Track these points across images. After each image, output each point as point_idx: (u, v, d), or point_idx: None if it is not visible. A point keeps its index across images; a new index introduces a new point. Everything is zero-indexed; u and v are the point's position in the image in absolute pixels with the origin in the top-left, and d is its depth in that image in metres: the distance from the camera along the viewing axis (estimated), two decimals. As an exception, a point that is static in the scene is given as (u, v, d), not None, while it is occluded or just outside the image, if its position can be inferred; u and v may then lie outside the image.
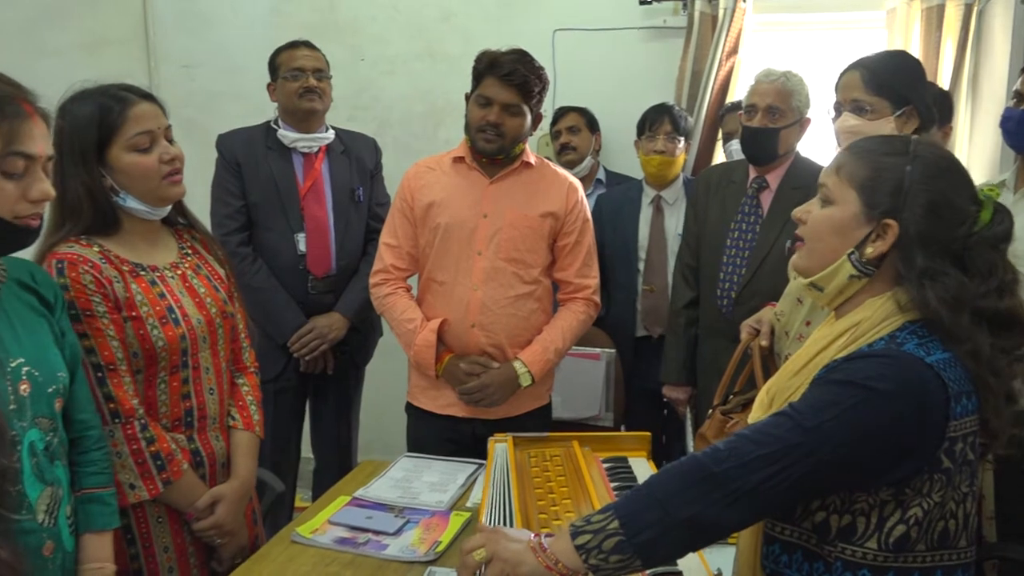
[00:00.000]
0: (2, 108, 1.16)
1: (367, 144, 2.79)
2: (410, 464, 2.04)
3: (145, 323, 1.55)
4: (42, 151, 1.22)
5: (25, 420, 1.26)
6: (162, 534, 1.61)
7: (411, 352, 2.17)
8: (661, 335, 2.76)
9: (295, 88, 2.55)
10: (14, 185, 1.19)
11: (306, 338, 2.54)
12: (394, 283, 2.21)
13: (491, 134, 2.08)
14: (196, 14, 3.72)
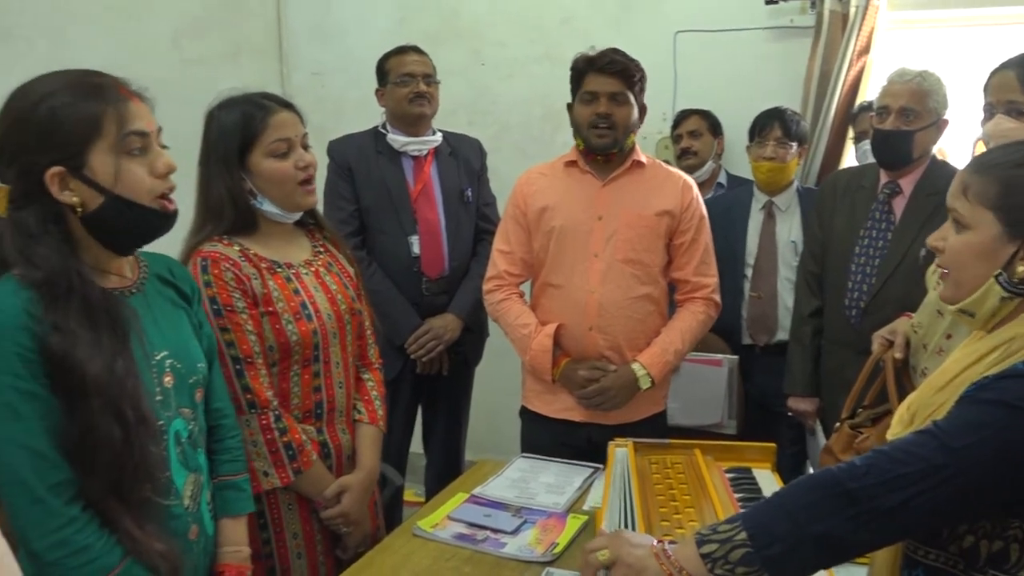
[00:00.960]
0: (105, 96, 1.22)
1: (473, 146, 2.83)
2: (526, 465, 2.06)
3: (280, 318, 1.63)
4: (152, 127, 1.27)
5: (170, 410, 1.32)
6: (292, 521, 1.69)
7: (527, 357, 2.18)
8: (767, 344, 2.69)
9: (405, 93, 2.59)
10: (140, 164, 1.24)
11: (423, 339, 2.59)
12: (508, 289, 2.23)
13: (603, 127, 2.09)
14: (326, 24, 3.87)
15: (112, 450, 1.18)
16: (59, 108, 1.18)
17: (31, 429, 1.15)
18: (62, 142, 1.19)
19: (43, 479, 1.16)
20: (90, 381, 1.16)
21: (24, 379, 1.15)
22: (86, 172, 1.20)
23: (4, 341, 1.14)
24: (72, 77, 1.24)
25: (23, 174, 1.20)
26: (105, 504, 1.20)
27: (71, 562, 1.17)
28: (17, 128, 1.20)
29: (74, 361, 1.15)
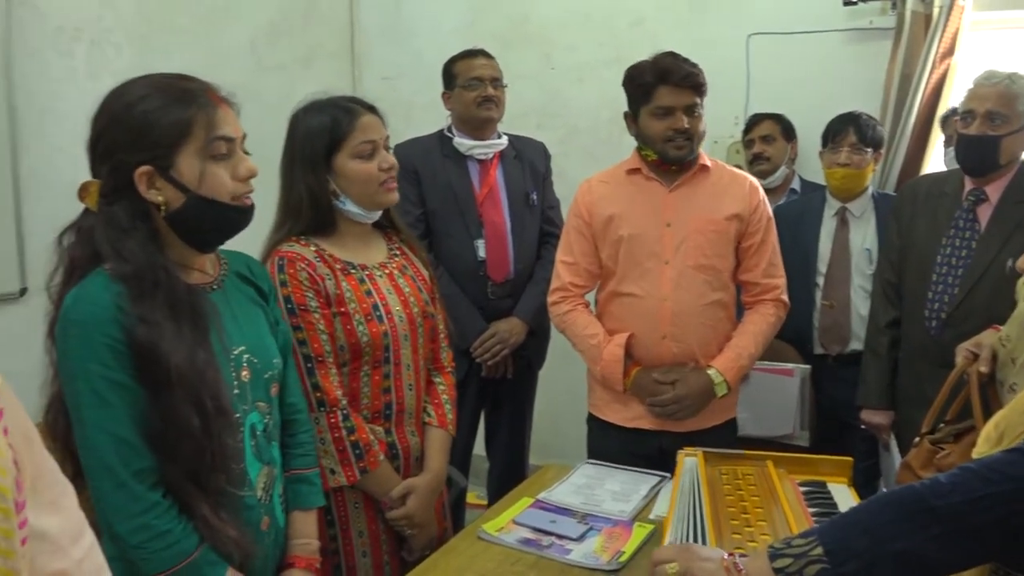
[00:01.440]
0: (196, 101, 1.27)
1: (537, 148, 2.82)
2: (592, 471, 2.04)
3: (352, 319, 1.65)
4: (237, 133, 1.32)
5: (247, 404, 1.37)
6: (358, 519, 1.71)
7: (598, 367, 2.15)
8: (840, 354, 2.61)
9: (473, 97, 2.60)
10: (223, 167, 1.29)
11: (489, 343, 2.60)
12: (573, 300, 2.21)
13: (681, 140, 2.06)
14: (398, 27, 3.92)
15: (192, 438, 1.22)
16: (152, 111, 1.23)
17: (118, 417, 1.20)
18: (152, 143, 1.23)
19: (128, 465, 1.21)
20: (173, 371, 1.20)
21: (113, 369, 1.20)
22: (172, 173, 1.25)
23: (95, 333, 1.20)
24: (165, 81, 1.29)
25: (114, 171, 1.25)
26: (184, 491, 1.24)
27: (152, 546, 1.22)
28: (112, 127, 1.25)
29: (159, 352, 1.20)
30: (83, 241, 1.27)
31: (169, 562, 1.23)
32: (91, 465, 1.22)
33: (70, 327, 1.21)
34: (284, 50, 3.53)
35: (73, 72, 2.67)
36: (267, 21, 3.46)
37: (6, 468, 0.89)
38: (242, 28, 3.34)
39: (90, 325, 1.20)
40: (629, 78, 2.14)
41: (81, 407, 1.21)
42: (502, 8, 3.75)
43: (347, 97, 1.73)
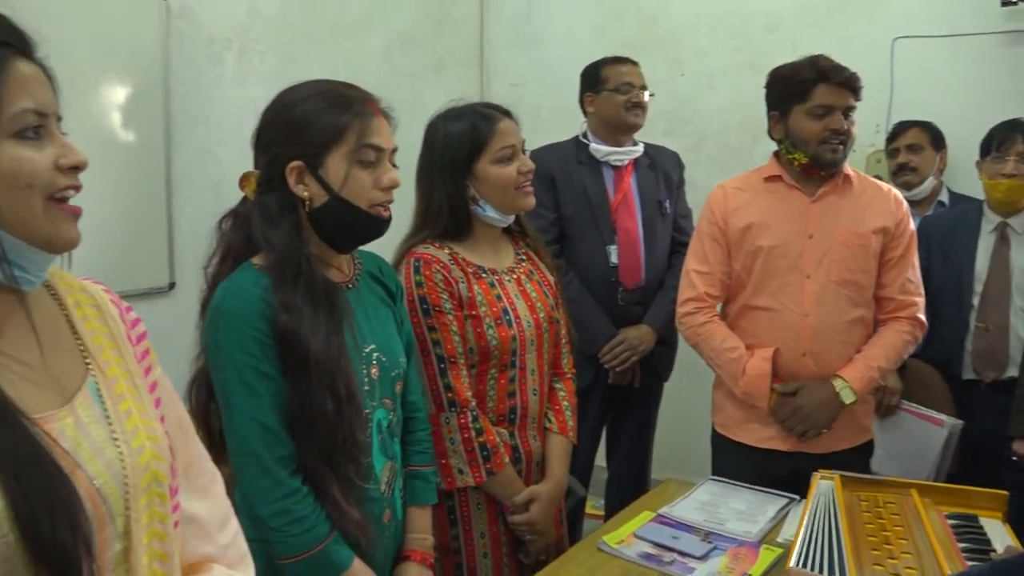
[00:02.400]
0: (354, 108, 1.33)
1: (671, 157, 2.79)
2: (716, 488, 1.98)
3: (483, 322, 1.67)
4: (388, 144, 1.37)
5: (375, 400, 1.41)
6: (480, 520, 1.72)
7: (740, 383, 2.06)
8: (995, 380, 2.42)
9: (623, 101, 2.59)
10: (368, 174, 1.34)
11: (617, 349, 2.57)
12: (708, 311, 2.13)
13: (836, 142, 1.97)
14: (527, 35, 3.95)
15: (325, 421, 1.27)
16: (311, 112, 1.31)
17: (263, 406, 1.27)
18: (307, 141, 1.31)
19: (271, 452, 1.28)
20: (311, 356, 1.26)
21: (259, 360, 1.27)
22: (320, 171, 1.32)
23: (243, 325, 1.27)
24: (330, 87, 1.36)
25: (270, 163, 1.33)
26: (317, 474, 1.30)
27: (291, 530, 1.28)
28: (274, 122, 1.34)
29: (299, 336, 1.26)
30: (239, 226, 1.37)
31: (304, 546, 1.29)
32: (237, 450, 1.29)
33: (220, 319, 1.29)
34: (416, 57, 3.62)
35: (222, 79, 2.82)
36: (401, 29, 3.55)
37: (163, 455, 0.93)
38: (377, 36, 3.44)
39: (238, 318, 1.27)
40: (782, 76, 2.06)
41: (230, 395, 1.28)
42: (631, 13, 3.71)
43: (484, 103, 1.76)
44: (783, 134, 2.08)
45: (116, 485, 0.84)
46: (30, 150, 0.79)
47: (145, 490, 0.88)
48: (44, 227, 0.81)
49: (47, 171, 0.80)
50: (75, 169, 0.82)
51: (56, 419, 0.82)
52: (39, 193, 0.80)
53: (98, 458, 0.83)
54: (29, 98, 0.79)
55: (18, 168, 0.78)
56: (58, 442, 0.80)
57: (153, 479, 0.90)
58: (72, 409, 0.85)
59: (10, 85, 0.77)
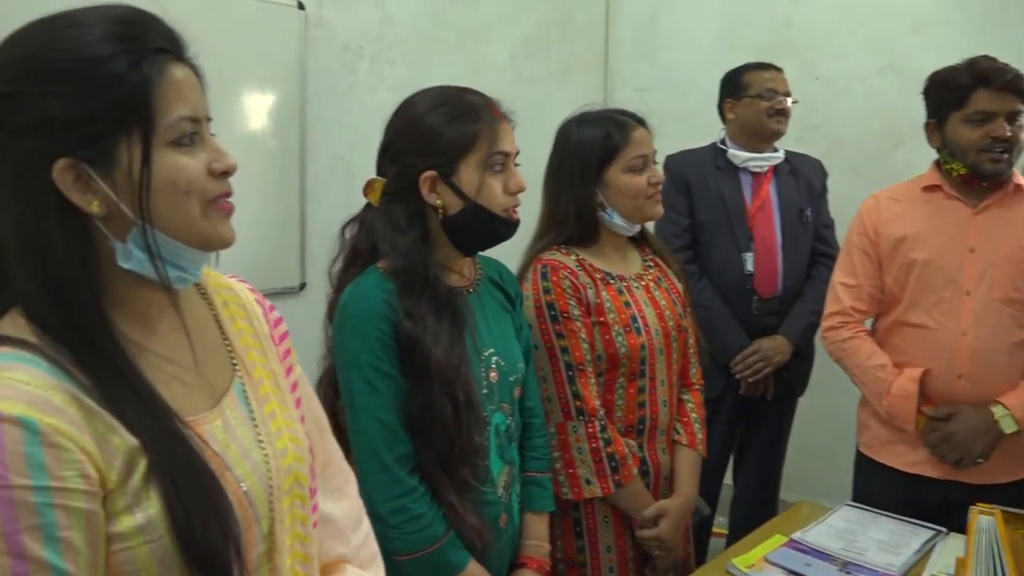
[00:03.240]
0: (482, 115, 1.35)
1: (814, 165, 2.70)
2: (853, 515, 1.86)
3: (611, 329, 1.64)
4: (512, 148, 1.39)
5: (493, 404, 1.42)
6: (607, 533, 1.68)
7: (884, 402, 1.95)
8: None
9: (766, 107, 2.52)
10: (498, 180, 1.36)
11: (751, 359, 2.48)
12: (854, 326, 2.02)
13: (999, 151, 1.83)
14: (653, 40, 3.88)
15: (444, 427, 1.29)
16: (441, 122, 1.33)
17: (385, 405, 1.30)
18: (440, 151, 1.32)
19: (391, 450, 1.30)
20: (433, 364, 1.28)
21: (382, 360, 1.30)
22: (454, 180, 1.33)
23: (367, 326, 1.30)
24: (453, 94, 1.38)
25: (401, 173, 1.35)
26: (434, 478, 1.32)
27: (409, 527, 1.30)
28: (404, 133, 1.36)
29: (422, 344, 1.28)
30: (364, 233, 1.39)
31: (420, 544, 1.30)
32: (359, 447, 1.32)
33: (346, 320, 1.32)
34: (540, 63, 3.61)
35: (355, 86, 2.89)
36: (526, 35, 3.55)
37: (304, 457, 0.94)
38: (503, 42, 3.45)
39: (363, 319, 1.30)
40: (938, 82, 1.94)
41: (354, 394, 1.31)
42: (762, 16, 3.59)
43: (619, 110, 1.74)
44: (940, 143, 1.95)
45: (262, 487, 0.85)
46: (185, 157, 0.80)
47: (288, 492, 0.89)
48: (202, 228, 0.82)
49: (201, 177, 0.81)
50: (225, 174, 0.84)
51: (206, 421, 0.84)
52: (196, 199, 0.81)
53: (245, 460, 0.85)
54: (184, 105, 0.80)
55: (176, 176, 0.79)
56: (209, 444, 0.81)
57: (295, 481, 0.91)
58: (221, 411, 0.86)
59: (167, 93, 0.78)
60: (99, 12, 0.79)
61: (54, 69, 0.75)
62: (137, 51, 0.77)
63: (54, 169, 0.75)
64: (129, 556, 0.74)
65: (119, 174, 0.77)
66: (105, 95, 0.75)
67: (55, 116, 0.74)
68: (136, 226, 0.79)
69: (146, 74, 0.77)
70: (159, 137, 0.78)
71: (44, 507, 0.69)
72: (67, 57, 0.75)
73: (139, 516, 0.74)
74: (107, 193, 0.77)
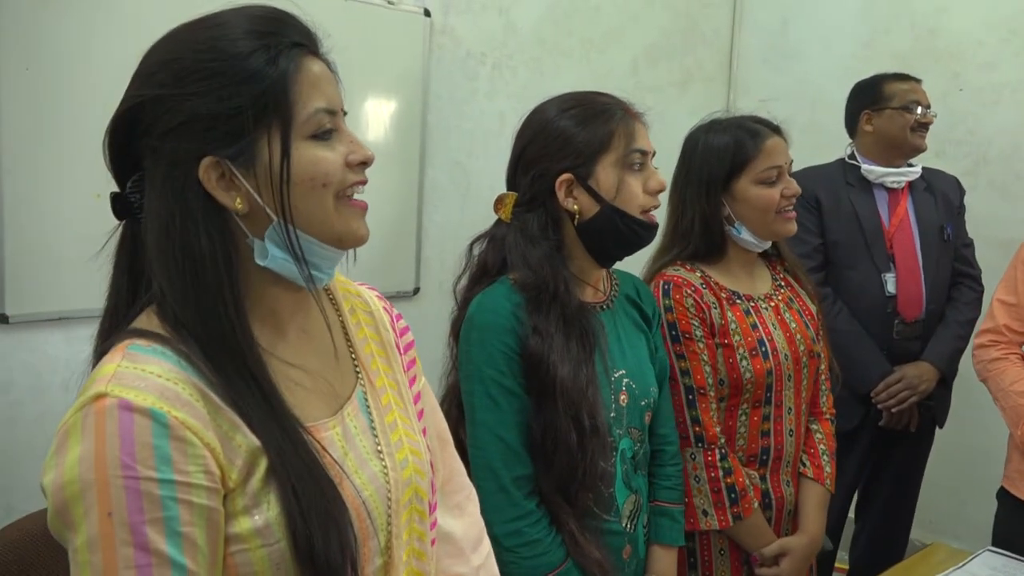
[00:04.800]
0: (615, 114, 1.30)
1: (950, 182, 2.53)
2: (997, 563, 1.71)
3: (736, 352, 1.55)
4: (650, 147, 1.34)
5: (621, 428, 1.34)
6: (722, 568, 1.60)
7: (1020, 431, 1.82)
8: None
9: (910, 120, 2.37)
10: (637, 179, 1.30)
11: (894, 388, 2.31)
12: (1006, 346, 1.89)
13: None
14: (782, 48, 3.74)
15: (567, 452, 1.22)
16: (574, 124, 1.28)
17: (506, 422, 1.25)
18: (575, 152, 1.28)
19: (510, 470, 1.24)
20: (558, 383, 1.22)
21: (506, 376, 1.25)
22: (591, 182, 1.28)
23: (494, 339, 1.25)
24: (583, 98, 1.33)
25: (536, 180, 1.30)
26: (554, 504, 1.26)
27: (524, 552, 1.24)
28: (537, 139, 1.32)
29: (548, 363, 1.22)
30: (493, 249, 1.34)
31: (536, 571, 1.24)
32: (478, 464, 1.27)
33: (473, 331, 1.28)
34: (662, 72, 3.54)
35: (475, 93, 2.90)
36: (649, 44, 3.48)
37: (424, 470, 0.91)
38: (625, 50, 3.39)
39: (490, 331, 1.25)
40: None
41: (475, 408, 1.27)
42: (905, 24, 3.38)
43: (752, 117, 1.64)
44: None
45: (380, 499, 0.84)
46: (323, 149, 0.80)
47: (407, 506, 0.87)
48: (336, 224, 0.82)
49: (339, 169, 0.81)
50: (363, 165, 0.83)
51: (326, 428, 0.83)
52: (332, 191, 0.80)
53: (363, 470, 0.83)
54: (321, 97, 0.80)
55: (314, 169, 0.79)
56: (327, 452, 0.80)
57: (414, 495, 0.89)
58: (341, 418, 0.85)
59: (304, 86, 0.78)
60: (239, 12, 0.80)
61: (197, 69, 0.76)
62: (274, 46, 0.78)
63: (200, 168, 0.76)
64: (246, 558, 0.74)
65: (260, 169, 0.77)
66: (246, 91, 0.76)
67: (200, 115, 0.76)
68: (275, 223, 0.78)
69: (283, 68, 0.77)
70: (297, 130, 0.78)
71: (168, 500, 0.69)
72: (209, 56, 0.77)
73: (257, 518, 0.74)
74: (248, 190, 0.78)
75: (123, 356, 0.74)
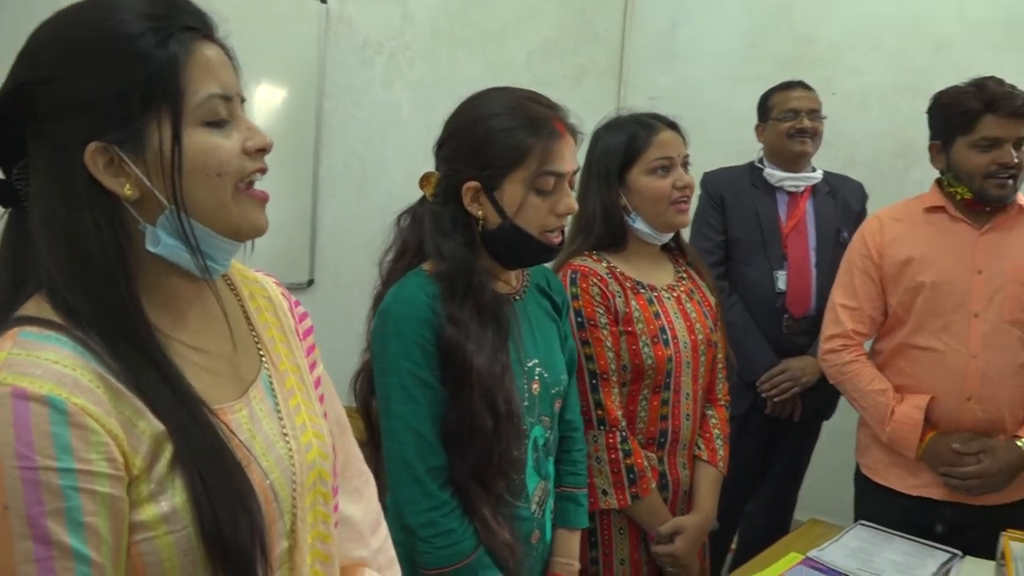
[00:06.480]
0: (539, 129, 1.25)
1: (854, 187, 2.66)
2: (867, 535, 1.84)
3: (638, 339, 1.61)
4: (570, 167, 1.30)
5: (533, 416, 1.36)
6: (621, 546, 1.65)
7: (886, 428, 1.93)
8: None
9: (785, 129, 2.50)
10: (544, 201, 1.28)
11: (778, 378, 2.44)
12: (855, 349, 2.00)
13: (1005, 176, 1.82)
14: (670, 49, 3.87)
15: (482, 438, 1.24)
16: (497, 131, 1.26)
17: (420, 414, 1.25)
18: (486, 163, 1.26)
19: (424, 462, 1.25)
20: (474, 371, 1.23)
21: (421, 367, 1.24)
22: (496, 194, 1.27)
23: (409, 331, 1.25)
24: (519, 101, 1.30)
25: (448, 176, 1.31)
26: (468, 491, 1.27)
27: (437, 542, 1.25)
28: (458, 136, 1.31)
29: (464, 352, 1.23)
30: (415, 227, 1.34)
31: (448, 560, 1.26)
32: (392, 456, 1.27)
33: (388, 323, 1.27)
34: (556, 67, 3.60)
35: (372, 82, 2.87)
36: (544, 38, 3.54)
37: (328, 453, 0.92)
38: (521, 44, 3.44)
39: (405, 323, 1.25)
40: (945, 104, 1.92)
41: (390, 400, 1.26)
42: (783, 30, 3.58)
43: (650, 113, 1.69)
44: (945, 165, 1.93)
45: (286, 482, 0.83)
46: (218, 137, 0.78)
47: (311, 488, 0.87)
48: (234, 215, 0.80)
49: (235, 157, 0.79)
50: (261, 152, 0.82)
51: (233, 411, 0.82)
52: (229, 181, 0.79)
53: (270, 453, 0.83)
54: (214, 83, 0.78)
55: (208, 157, 0.77)
56: (235, 434, 0.79)
57: (318, 478, 0.89)
58: (247, 401, 0.84)
59: (196, 71, 0.76)
60: None
61: (83, 50, 0.74)
62: (165, 29, 0.75)
63: (86, 152, 0.74)
64: (152, 546, 0.72)
65: (150, 156, 0.75)
66: (133, 73, 0.74)
67: (85, 98, 0.73)
68: (167, 210, 0.76)
69: (173, 51, 0.75)
70: (189, 116, 0.76)
71: (70, 490, 0.67)
72: (96, 37, 0.74)
73: (163, 505, 0.72)
74: (139, 176, 0.75)
75: (14, 343, 0.70)
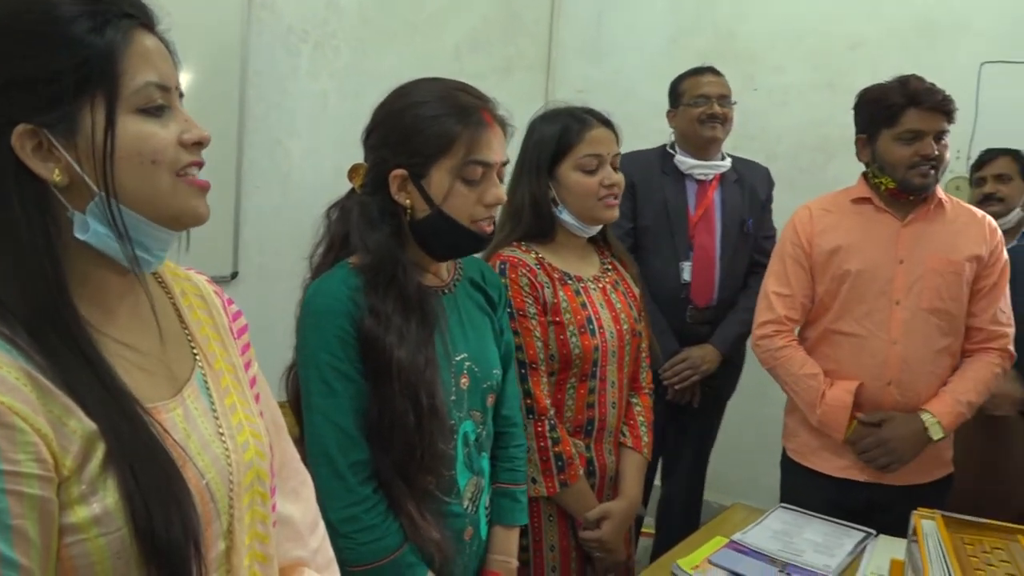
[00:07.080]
0: (467, 118, 1.25)
1: (761, 174, 2.69)
2: (788, 517, 1.90)
3: (566, 329, 1.62)
4: (498, 158, 1.29)
5: (462, 411, 1.34)
6: (551, 533, 1.67)
7: (817, 411, 1.99)
8: None
9: (696, 114, 2.52)
10: (472, 190, 1.27)
11: (678, 367, 2.49)
12: (787, 335, 2.06)
13: (927, 168, 1.90)
14: (597, 42, 3.91)
15: (404, 433, 1.22)
16: (423, 119, 1.24)
17: (341, 408, 1.22)
18: (413, 151, 1.25)
19: (345, 456, 1.23)
20: (395, 364, 1.21)
21: (341, 360, 1.22)
22: (423, 183, 1.26)
23: (329, 324, 1.22)
24: (446, 91, 1.29)
25: (376, 166, 1.29)
26: (393, 487, 1.25)
27: (360, 538, 1.23)
28: (385, 125, 1.29)
29: (384, 344, 1.21)
30: (343, 219, 1.32)
31: (372, 556, 1.24)
32: (313, 451, 1.24)
33: (308, 316, 1.25)
34: (484, 59, 3.59)
35: (297, 70, 2.81)
36: (471, 29, 3.52)
37: (265, 453, 0.90)
38: (448, 35, 3.41)
39: (325, 316, 1.23)
40: (870, 99, 2.00)
41: (311, 394, 1.24)
42: (707, 26, 3.65)
43: (584, 108, 1.70)
44: (870, 158, 2.01)
45: (222, 482, 0.81)
46: (154, 125, 0.76)
47: (248, 488, 0.85)
48: (172, 203, 0.78)
49: (171, 147, 0.77)
50: (198, 145, 0.80)
51: (167, 409, 0.80)
52: (165, 169, 0.77)
53: (206, 453, 0.80)
54: (152, 71, 0.76)
55: (142, 144, 0.75)
56: (170, 433, 0.77)
57: (256, 478, 0.87)
58: (182, 400, 0.82)
59: (133, 58, 0.75)
60: None
61: (16, 29, 0.72)
62: (102, 14, 0.74)
63: (12, 135, 0.71)
64: (83, 549, 0.69)
65: (82, 141, 0.73)
66: (66, 56, 0.72)
67: (13, 78, 0.71)
68: (98, 197, 0.74)
69: (110, 38, 0.74)
70: (124, 102, 0.75)
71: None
72: (28, 17, 0.72)
73: (95, 506, 0.69)
74: (69, 161, 0.73)
75: None
